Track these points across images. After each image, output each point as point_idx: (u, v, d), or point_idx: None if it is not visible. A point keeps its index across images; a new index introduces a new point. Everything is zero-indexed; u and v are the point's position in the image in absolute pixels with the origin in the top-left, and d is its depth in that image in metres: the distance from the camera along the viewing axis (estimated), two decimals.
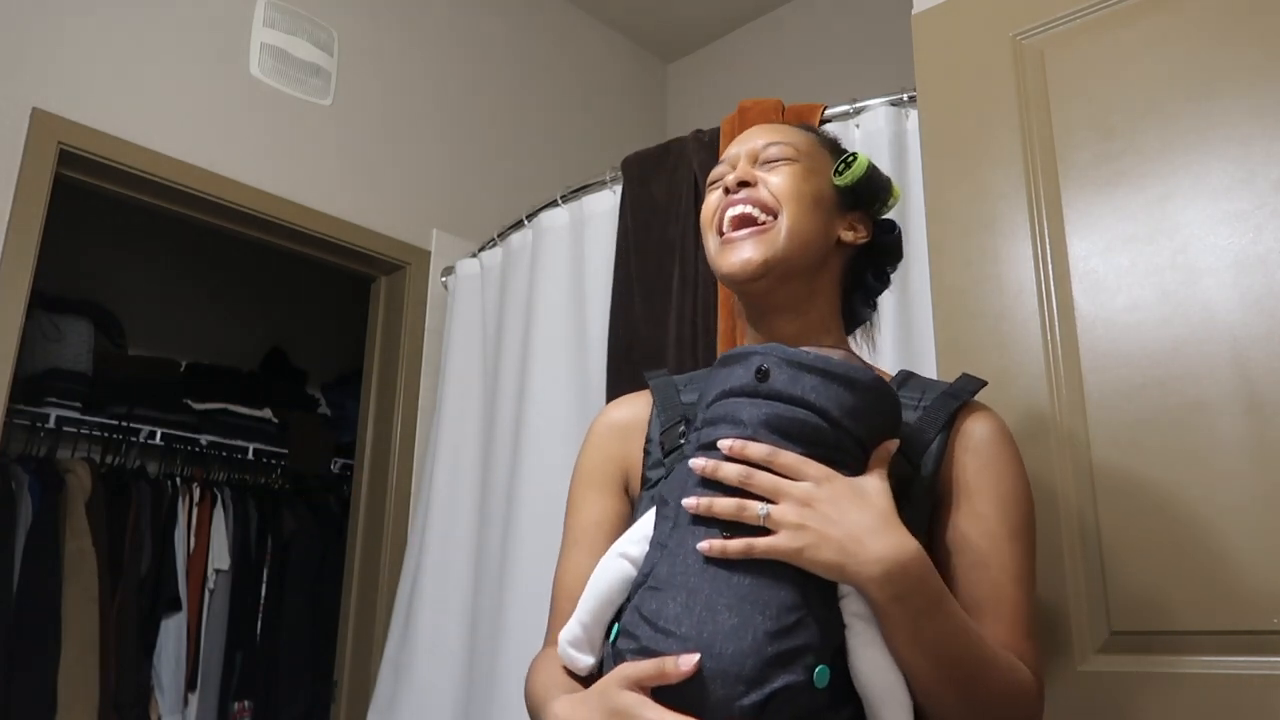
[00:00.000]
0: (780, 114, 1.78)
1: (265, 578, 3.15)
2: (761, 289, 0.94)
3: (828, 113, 1.75)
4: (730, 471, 0.76)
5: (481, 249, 2.52)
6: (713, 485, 0.77)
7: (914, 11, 1.49)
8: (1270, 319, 1.08)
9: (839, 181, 0.97)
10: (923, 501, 0.85)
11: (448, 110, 2.79)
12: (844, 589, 0.76)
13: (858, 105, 1.71)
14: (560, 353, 2.05)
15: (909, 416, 0.89)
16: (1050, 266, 1.26)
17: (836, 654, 0.74)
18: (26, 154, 1.95)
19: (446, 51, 2.83)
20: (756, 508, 0.75)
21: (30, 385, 2.81)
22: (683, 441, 0.89)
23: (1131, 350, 1.17)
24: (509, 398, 2.16)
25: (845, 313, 1.03)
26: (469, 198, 2.78)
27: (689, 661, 0.70)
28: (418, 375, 2.56)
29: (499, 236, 2.42)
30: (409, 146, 2.66)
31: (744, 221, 0.94)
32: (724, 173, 1.00)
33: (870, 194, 0.99)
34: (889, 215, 1.04)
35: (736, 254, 0.93)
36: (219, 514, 3.08)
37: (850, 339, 1.05)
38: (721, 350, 1.68)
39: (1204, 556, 1.06)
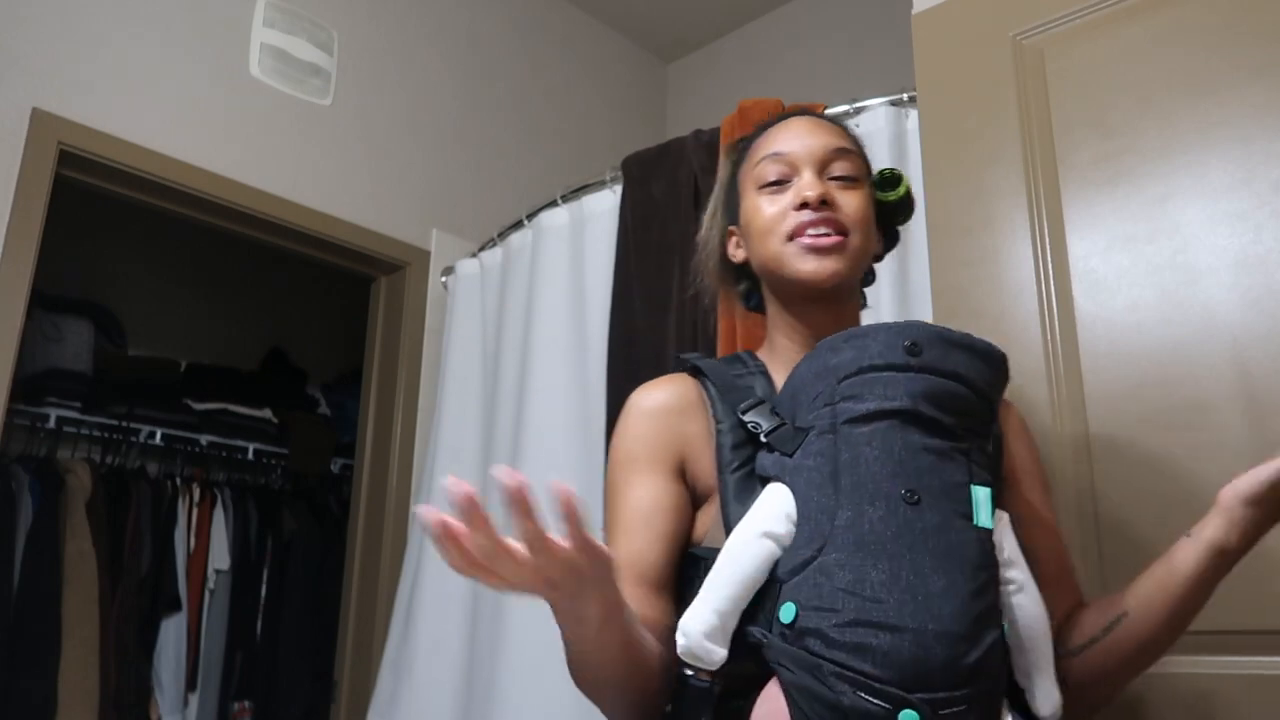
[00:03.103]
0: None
1: (265, 578, 3.15)
2: (827, 294, 0.99)
3: (827, 113, 1.75)
4: None
5: (481, 249, 2.52)
6: (887, 460, 0.79)
7: (914, 11, 1.49)
8: (1270, 319, 1.08)
9: (883, 197, 1.03)
10: (999, 474, 0.91)
11: (447, 110, 2.79)
12: (1008, 554, 0.82)
13: (858, 105, 1.71)
14: (560, 352, 2.05)
15: None
16: (1050, 266, 1.26)
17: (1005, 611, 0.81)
18: (26, 154, 1.95)
19: (446, 51, 2.83)
20: None
21: (30, 385, 2.81)
22: (783, 422, 0.88)
23: (1131, 350, 1.17)
24: (509, 397, 2.15)
25: None
26: (469, 198, 2.78)
27: None
28: (418, 375, 2.56)
29: (499, 236, 2.42)
30: (409, 146, 2.66)
31: (824, 236, 0.97)
32: (785, 173, 0.99)
33: (907, 212, 1.05)
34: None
35: (819, 263, 0.96)
36: (219, 514, 3.08)
37: None
38: (722, 349, 1.68)
39: None
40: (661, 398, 0.98)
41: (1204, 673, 1.04)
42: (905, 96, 1.66)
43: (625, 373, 1.86)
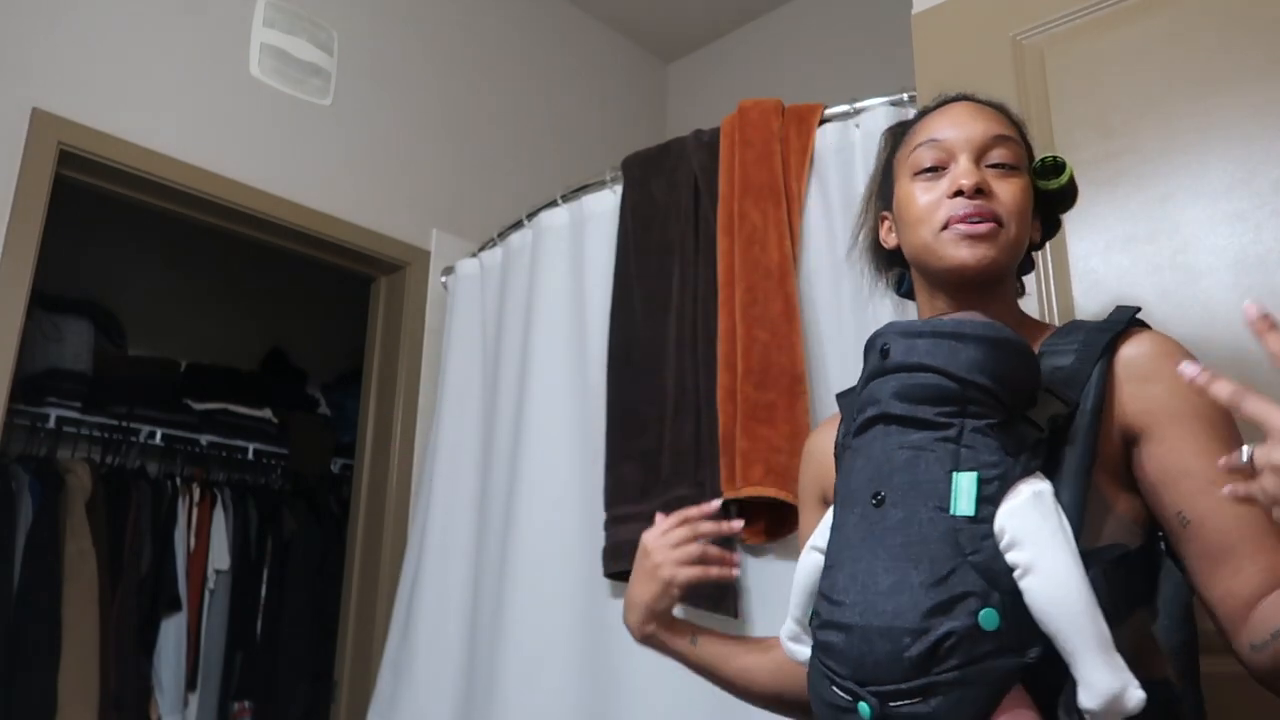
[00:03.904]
0: (780, 114, 1.78)
1: (265, 578, 3.15)
2: (978, 282, 0.95)
3: (828, 113, 1.75)
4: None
5: (481, 249, 2.52)
6: (867, 466, 0.84)
7: (914, 11, 1.50)
8: None
9: (1045, 185, 0.99)
10: (1086, 436, 0.84)
11: (448, 110, 2.79)
12: (1010, 537, 0.76)
13: (858, 105, 1.71)
14: (560, 353, 2.05)
15: (1065, 360, 0.89)
16: (1050, 266, 1.26)
17: (1007, 597, 0.75)
18: (26, 154, 1.95)
19: (446, 51, 2.83)
20: None
21: (30, 385, 2.81)
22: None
23: None
24: (509, 397, 2.16)
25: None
26: (469, 198, 2.78)
27: None
28: (418, 375, 2.56)
29: (499, 236, 2.42)
30: (409, 146, 2.66)
31: (979, 223, 0.93)
32: (940, 160, 0.96)
33: (1069, 200, 1.01)
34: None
35: (971, 249, 0.92)
36: (219, 514, 3.08)
37: None
38: (722, 349, 1.68)
39: None
40: (812, 440, 1.11)
41: (1204, 672, 1.04)
42: (905, 96, 1.66)
43: (625, 373, 1.86)
